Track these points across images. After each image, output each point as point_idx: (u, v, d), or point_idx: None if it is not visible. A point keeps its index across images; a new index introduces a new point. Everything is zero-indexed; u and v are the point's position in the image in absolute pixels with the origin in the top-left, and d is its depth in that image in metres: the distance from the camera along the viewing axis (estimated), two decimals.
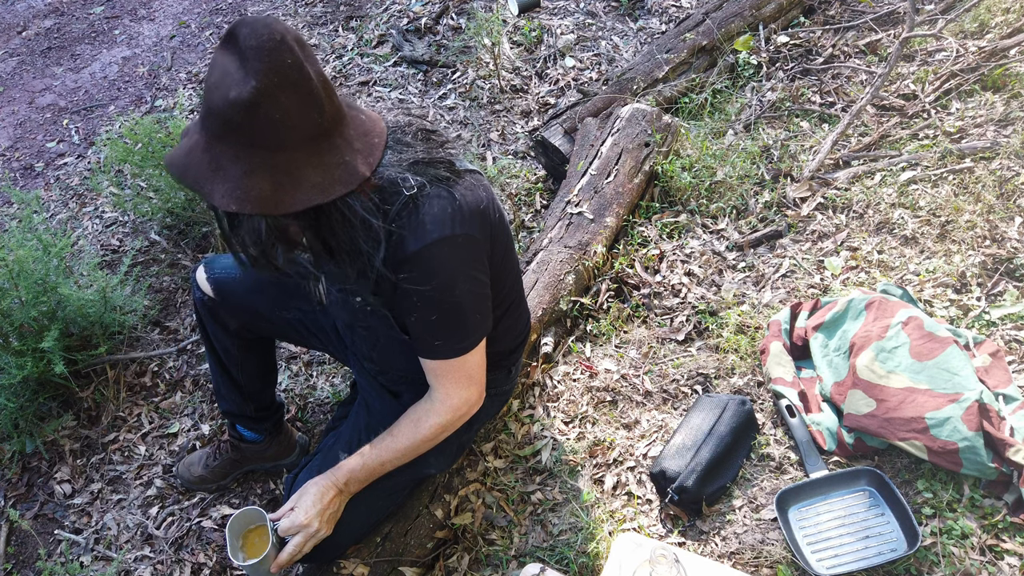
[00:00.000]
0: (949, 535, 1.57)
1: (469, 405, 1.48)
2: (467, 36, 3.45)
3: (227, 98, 1.06)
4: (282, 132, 1.09)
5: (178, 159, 1.14)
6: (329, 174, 1.14)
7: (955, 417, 1.60)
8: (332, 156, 1.15)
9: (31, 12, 4.37)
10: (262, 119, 1.07)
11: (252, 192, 1.10)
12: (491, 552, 1.75)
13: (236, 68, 1.06)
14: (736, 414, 1.77)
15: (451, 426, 1.49)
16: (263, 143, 1.09)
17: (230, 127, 1.08)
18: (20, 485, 2.14)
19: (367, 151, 1.20)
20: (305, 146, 1.12)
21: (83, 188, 3.09)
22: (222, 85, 1.07)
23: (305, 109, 1.09)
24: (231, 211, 1.11)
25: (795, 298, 2.11)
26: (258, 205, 1.10)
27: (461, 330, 1.37)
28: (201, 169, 1.12)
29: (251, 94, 1.05)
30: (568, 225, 2.29)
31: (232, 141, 1.09)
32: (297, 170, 1.12)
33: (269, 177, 1.10)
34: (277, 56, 1.06)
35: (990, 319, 1.92)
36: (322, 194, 1.13)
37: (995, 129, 2.41)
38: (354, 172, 1.16)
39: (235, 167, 1.10)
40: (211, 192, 1.11)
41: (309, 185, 1.13)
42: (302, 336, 1.78)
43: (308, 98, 1.09)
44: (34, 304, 2.06)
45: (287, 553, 1.44)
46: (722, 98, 2.88)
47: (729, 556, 1.63)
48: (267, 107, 1.06)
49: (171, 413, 2.26)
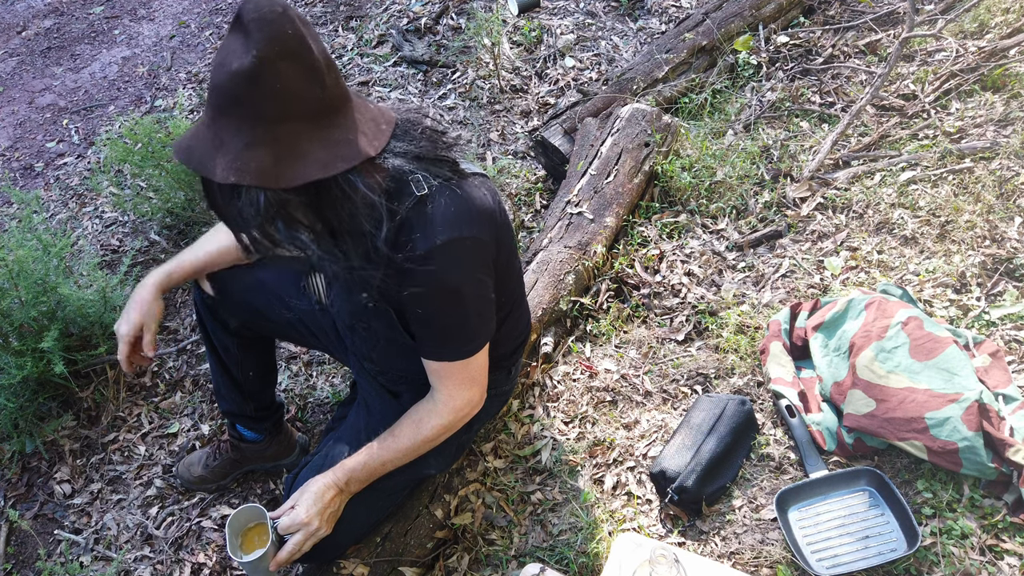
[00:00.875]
0: (949, 535, 1.57)
1: (471, 406, 1.49)
2: (467, 36, 3.46)
3: (229, 70, 1.06)
4: (283, 103, 1.08)
5: (183, 142, 1.15)
6: (332, 150, 1.14)
7: (955, 417, 1.60)
8: (336, 133, 1.15)
9: (31, 12, 4.36)
10: (263, 89, 1.07)
11: (252, 164, 1.09)
12: (491, 552, 1.75)
13: (239, 43, 1.07)
14: (736, 414, 1.77)
15: (453, 427, 1.49)
16: (265, 115, 1.09)
17: (232, 100, 1.08)
18: (20, 485, 2.14)
19: (373, 134, 1.20)
20: (308, 120, 1.11)
21: (83, 188, 3.09)
22: (226, 61, 1.07)
23: (306, 81, 1.09)
24: (230, 183, 1.10)
25: (795, 298, 2.11)
26: (257, 177, 1.10)
27: (466, 332, 1.37)
28: (205, 147, 1.12)
29: (251, 64, 1.05)
30: (568, 225, 2.29)
31: (234, 114, 1.09)
32: (299, 144, 1.11)
33: (271, 150, 1.10)
34: (278, 27, 1.06)
35: (990, 319, 1.92)
36: (323, 169, 1.13)
37: (995, 129, 2.41)
38: (357, 150, 1.16)
39: (236, 140, 1.10)
40: (213, 168, 1.11)
41: (311, 159, 1.12)
42: (302, 336, 1.78)
43: (310, 70, 1.09)
44: (34, 304, 2.06)
45: (286, 551, 1.44)
46: (722, 98, 2.88)
47: (729, 556, 1.63)
48: (268, 77, 1.06)
49: (171, 413, 2.26)
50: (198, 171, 1.13)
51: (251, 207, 1.15)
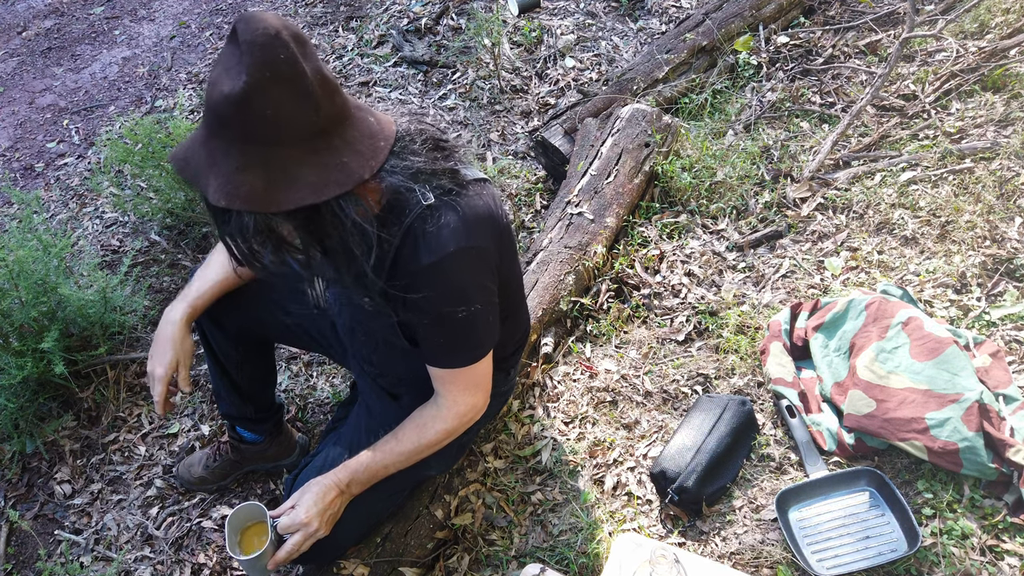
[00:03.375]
0: (949, 535, 1.57)
1: (475, 411, 1.49)
2: (467, 36, 3.46)
3: (221, 93, 1.06)
4: (274, 128, 1.07)
5: (180, 153, 1.14)
6: (325, 174, 1.12)
7: (955, 417, 1.60)
8: (329, 156, 1.13)
9: (31, 12, 4.37)
10: (253, 115, 1.06)
11: (243, 188, 1.08)
12: (491, 552, 1.75)
13: (234, 63, 1.06)
14: (736, 414, 1.77)
15: (456, 432, 1.49)
16: (256, 139, 1.08)
17: (223, 122, 1.07)
18: (20, 485, 2.14)
19: (370, 154, 1.18)
20: (301, 144, 1.10)
21: (83, 188, 3.09)
22: (219, 80, 1.07)
23: (299, 106, 1.08)
24: (220, 207, 1.09)
25: (795, 298, 2.11)
26: (248, 202, 1.09)
27: (472, 340, 1.37)
28: (199, 163, 1.11)
29: (241, 89, 1.04)
30: (568, 225, 2.29)
31: (225, 136, 1.08)
32: (290, 168, 1.10)
33: (263, 173, 1.09)
34: (270, 51, 1.04)
35: (990, 319, 1.92)
36: (315, 194, 1.11)
37: (995, 129, 2.41)
38: (351, 174, 1.15)
39: (227, 162, 1.09)
40: (206, 186, 1.10)
41: (302, 184, 1.11)
42: (301, 339, 1.78)
43: (303, 94, 1.08)
44: (34, 304, 2.06)
45: (285, 551, 1.44)
46: (722, 98, 2.88)
47: (729, 556, 1.63)
48: (258, 102, 1.05)
49: (171, 414, 2.26)
50: (193, 186, 1.13)
51: (239, 230, 1.15)
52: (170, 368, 1.56)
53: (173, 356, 1.56)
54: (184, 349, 1.57)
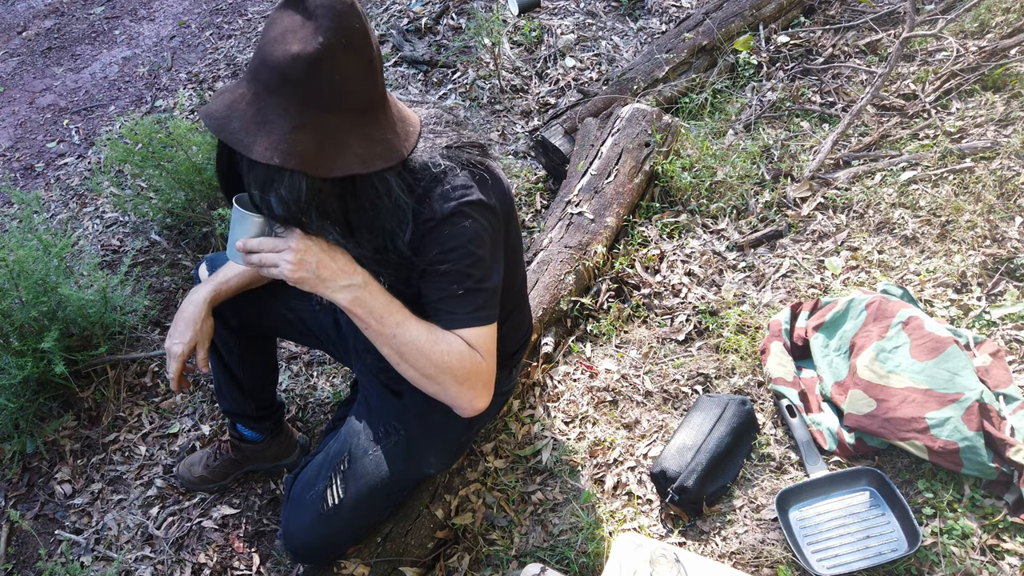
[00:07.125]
0: (950, 535, 1.57)
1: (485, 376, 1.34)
2: (467, 36, 3.46)
3: (289, 52, 1.06)
4: (338, 94, 1.10)
5: (218, 111, 1.12)
6: (371, 147, 1.15)
7: (955, 417, 1.60)
8: (375, 130, 1.16)
9: (31, 12, 4.37)
10: (322, 77, 1.07)
11: (298, 147, 1.09)
12: (491, 552, 1.75)
13: (301, 25, 1.07)
14: (736, 414, 1.77)
15: (460, 379, 1.30)
16: (317, 102, 1.09)
17: (287, 81, 1.08)
18: (20, 485, 2.14)
19: (404, 136, 1.21)
20: (353, 114, 1.13)
21: (83, 188, 3.09)
22: (284, 40, 1.07)
23: (363, 76, 1.11)
24: (273, 164, 1.09)
25: (795, 298, 2.11)
26: (302, 162, 1.10)
27: (482, 295, 1.31)
28: (245, 121, 1.10)
29: (317, 50, 1.06)
30: (568, 225, 2.29)
31: (286, 94, 1.09)
32: (342, 136, 1.12)
33: (316, 137, 1.10)
34: (347, 19, 1.07)
35: (990, 319, 1.92)
36: (363, 164, 1.14)
37: (995, 129, 2.41)
38: (395, 150, 1.18)
39: (283, 121, 1.09)
40: (251, 144, 1.09)
41: (351, 153, 1.13)
42: (303, 335, 1.78)
43: (368, 65, 1.11)
44: (34, 304, 2.06)
45: (257, 241, 1.24)
46: (722, 98, 2.88)
47: (729, 556, 1.63)
48: (329, 66, 1.07)
49: (171, 413, 2.26)
50: (233, 145, 1.11)
51: (291, 191, 1.14)
52: (188, 346, 1.57)
53: (192, 335, 1.58)
54: (204, 330, 1.59)
